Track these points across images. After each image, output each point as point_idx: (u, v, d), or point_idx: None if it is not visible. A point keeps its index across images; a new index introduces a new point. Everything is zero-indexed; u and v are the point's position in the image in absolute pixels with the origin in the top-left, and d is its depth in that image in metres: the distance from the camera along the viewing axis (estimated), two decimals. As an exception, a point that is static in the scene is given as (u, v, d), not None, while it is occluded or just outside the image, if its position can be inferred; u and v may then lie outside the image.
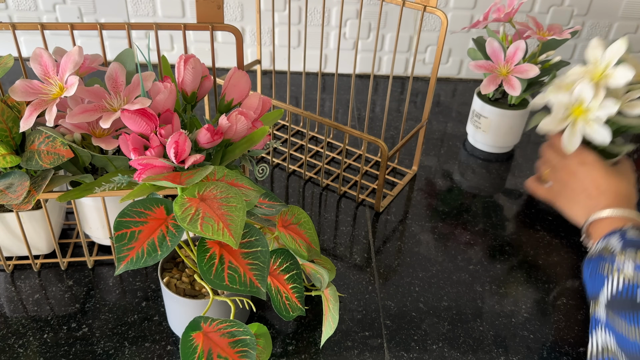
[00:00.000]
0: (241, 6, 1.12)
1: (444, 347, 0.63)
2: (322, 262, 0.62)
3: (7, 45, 1.14)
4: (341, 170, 0.85)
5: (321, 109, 1.08)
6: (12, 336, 0.62)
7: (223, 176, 0.51)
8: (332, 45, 1.17)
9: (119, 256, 0.47)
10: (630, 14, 1.13)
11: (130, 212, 0.48)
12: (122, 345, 0.61)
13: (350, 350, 0.62)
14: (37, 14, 1.12)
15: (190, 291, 0.58)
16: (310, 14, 1.13)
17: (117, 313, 0.65)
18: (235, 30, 0.61)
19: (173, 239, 0.48)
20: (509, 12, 0.88)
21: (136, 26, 0.61)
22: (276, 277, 0.55)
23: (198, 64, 0.57)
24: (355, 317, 0.66)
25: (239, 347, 0.49)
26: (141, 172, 0.49)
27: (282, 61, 1.20)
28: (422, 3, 0.69)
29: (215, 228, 0.45)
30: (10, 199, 0.56)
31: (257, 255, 0.50)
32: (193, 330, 0.50)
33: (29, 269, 0.70)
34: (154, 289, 0.68)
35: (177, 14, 1.13)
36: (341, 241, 0.77)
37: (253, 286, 0.49)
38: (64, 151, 0.56)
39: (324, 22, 0.96)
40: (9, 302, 0.66)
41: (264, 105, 0.59)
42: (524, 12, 1.13)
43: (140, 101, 0.52)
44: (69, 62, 0.55)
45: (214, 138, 0.52)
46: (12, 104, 0.60)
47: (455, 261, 0.75)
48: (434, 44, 1.18)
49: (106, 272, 0.70)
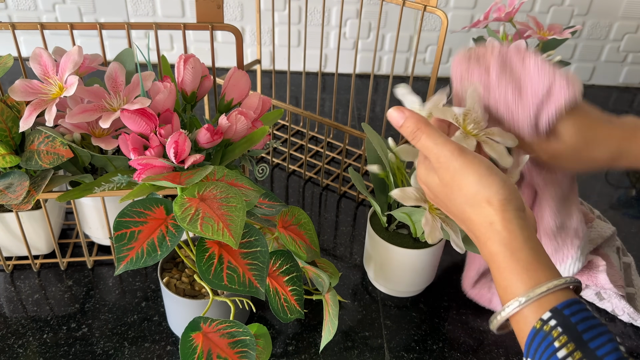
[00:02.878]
0: (241, 6, 1.12)
1: (444, 347, 0.63)
2: (324, 266, 0.62)
3: (6, 45, 1.13)
4: (341, 170, 0.85)
5: (321, 109, 1.08)
6: (12, 336, 0.61)
7: (223, 176, 0.51)
8: (332, 45, 1.17)
9: (119, 256, 0.47)
10: (631, 13, 1.13)
11: (130, 212, 0.48)
12: (121, 345, 0.61)
13: (350, 350, 0.62)
14: (36, 14, 1.12)
15: (190, 291, 0.58)
16: (310, 13, 1.13)
17: (116, 313, 0.65)
18: (235, 30, 0.61)
19: (173, 239, 0.48)
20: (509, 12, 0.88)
21: (136, 26, 0.61)
22: (275, 278, 0.55)
23: (198, 64, 0.57)
24: (355, 317, 0.66)
25: (239, 347, 0.49)
26: (141, 172, 0.49)
27: (282, 61, 1.19)
28: (422, 3, 0.69)
29: (215, 228, 0.45)
30: (10, 199, 0.56)
31: (257, 255, 0.50)
32: (193, 330, 0.50)
33: (28, 269, 0.70)
34: (154, 289, 0.68)
35: (176, 14, 1.13)
36: (341, 241, 0.77)
37: (252, 286, 0.49)
38: (63, 151, 0.55)
39: (324, 21, 0.96)
40: (9, 302, 0.66)
41: (264, 105, 0.59)
42: (525, 11, 1.13)
43: (139, 101, 0.52)
44: (68, 62, 0.55)
45: (213, 138, 0.52)
46: (11, 104, 0.59)
47: (456, 261, 0.75)
48: (434, 43, 1.18)
49: (106, 272, 0.70)
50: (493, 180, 0.43)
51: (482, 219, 0.43)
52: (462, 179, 0.44)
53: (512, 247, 0.42)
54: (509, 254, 0.42)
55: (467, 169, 0.44)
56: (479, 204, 0.43)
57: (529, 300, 0.39)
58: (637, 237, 0.80)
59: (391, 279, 0.68)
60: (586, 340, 0.36)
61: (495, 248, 0.42)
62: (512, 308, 0.40)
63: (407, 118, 0.46)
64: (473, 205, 0.44)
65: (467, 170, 0.44)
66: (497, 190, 0.43)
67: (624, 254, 0.73)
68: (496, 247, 0.42)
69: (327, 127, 0.84)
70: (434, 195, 0.48)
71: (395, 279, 0.67)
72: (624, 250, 0.73)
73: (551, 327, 0.38)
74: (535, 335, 0.38)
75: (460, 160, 0.44)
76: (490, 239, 0.43)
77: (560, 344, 0.36)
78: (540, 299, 0.39)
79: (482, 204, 0.43)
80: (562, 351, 0.36)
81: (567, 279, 0.40)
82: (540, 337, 0.38)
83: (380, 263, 0.67)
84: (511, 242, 0.42)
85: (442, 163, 0.45)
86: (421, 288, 0.70)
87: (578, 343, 0.36)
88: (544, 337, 0.37)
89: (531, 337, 0.38)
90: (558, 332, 0.37)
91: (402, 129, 0.46)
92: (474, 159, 0.44)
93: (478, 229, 0.44)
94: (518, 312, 0.40)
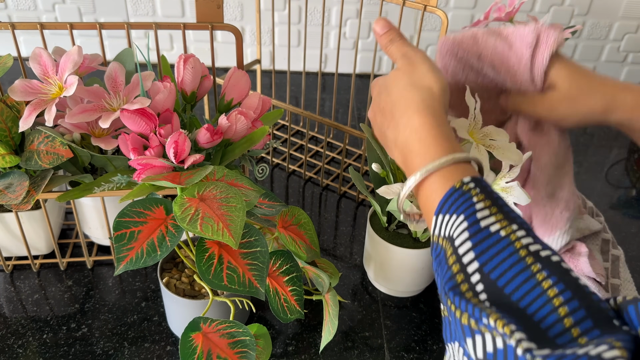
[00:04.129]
0: (241, 6, 1.12)
1: (444, 348, 0.63)
2: (325, 266, 0.62)
3: (6, 45, 1.13)
4: (341, 170, 0.85)
5: (321, 109, 1.08)
6: (12, 336, 0.61)
7: (223, 176, 0.51)
8: (332, 44, 1.17)
9: (119, 256, 0.47)
10: (631, 13, 1.13)
11: (130, 212, 0.48)
12: (121, 345, 0.61)
13: (350, 350, 0.62)
14: (36, 14, 1.12)
15: (189, 291, 0.58)
16: (310, 13, 1.13)
17: (116, 313, 0.65)
18: (235, 30, 0.61)
19: (172, 239, 0.48)
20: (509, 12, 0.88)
21: (136, 26, 0.61)
22: (275, 278, 0.55)
23: (198, 64, 0.57)
24: (355, 317, 0.66)
25: (239, 347, 0.49)
26: (140, 172, 0.49)
27: (282, 61, 1.19)
28: (422, 3, 0.69)
29: (215, 228, 0.45)
30: (10, 199, 0.55)
31: (257, 255, 0.50)
32: (192, 330, 0.49)
33: (28, 269, 0.70)
34: (154, 289, 0.68)
35: (176, 14, 1.13)
36: (341, 241, 0.77)
37: (252, 286, 0.49)
38: (63, 151, 0.55)
39: (324, 21, 0.96)
40: (9, 302, 0.66)
41: (264, 105, 0.59)
42: (525, 11, 1.13)
43: (139, 101, 0.52)
44: (68, 62, 0.55)
45: (213, 138, 0.52)
46: (11, 104, 0.59)
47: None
48: (434, 43, 1.18)
49: (106, 272, 0.70)
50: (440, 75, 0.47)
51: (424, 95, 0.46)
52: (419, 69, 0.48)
53: (440, 121, 0.44)
54: (435, 125, 0.44)
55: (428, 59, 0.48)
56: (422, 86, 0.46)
57: (447, 161, 0.41)
58: (637, 237, 0.80)
59: (391, 278, 0.68)
60: (501, 204, 0.38)
61: (425, 119, 0.44)
62: (433, 166, 0.41)
63: (391, 28, 0.50)
64: (418, 86, 0.46)
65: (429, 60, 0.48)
66: (440, 78, 0.47)
67: (614, 247, 0.73)
68: (426, 119, 0.44)
69: (327, 127, 0.84)
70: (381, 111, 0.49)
71: (395, 279, 0.67)
72: (614, 243, 0.73)
73: (470, 187, 0.39)
74: (453, 193, 0.39)
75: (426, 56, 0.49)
76: (422, 111, 0.44)
77: (479, 199, 0.38)
78: (457, 165, 0.41)
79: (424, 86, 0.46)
80: (480, 204, 0.38)
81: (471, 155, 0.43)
82: (457, 194, 0.39)
83: (380, 263, 0.67)
84: (441, 116, 0.45)
85: (410, 58, 0.48)
86: (421, 288, 0.70)
87: (495, 204, 0.38)
88: (462, 194, 0.39)
89: (448, 194, 0.39)
90: (476, 192, 0.38)
91: (382, 37, 0.50)
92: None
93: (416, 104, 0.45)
94: (434, 175, 0.41)
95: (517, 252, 0.35)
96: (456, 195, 0.39)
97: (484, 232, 0.36)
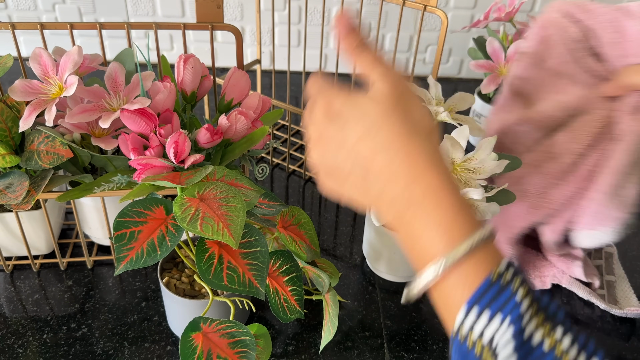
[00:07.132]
0: (241, 6, 1.12)
1: (444, 347, 0.63)
2: (325, 266, 0.62)
3: (6, 45, 1.13)
4: (341, 170, 0.85)
5: (321, 109, 1.08)
6: (12, 336, 0.61)
7: (223, 176, 0.51)
8: (332, 44, 1.17)
9: (119, 256, 0.47)
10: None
11: (130, 212, 0.48)
12: (121, 345, 0.61)
13: (350, 350, 0.62)
14: (36, 14, 1.12)
15: (189, 291, 0.58)
16: (310, 13, 1.13)
17: (116, 313, 0.65)
18: (235, 30, 0.61)
19: (173, 239, 0.48)
20: (509, 12, 0.88)
21: (136, 26, 0.61)
22: (275, 278, 0.55)
23: (198, 64, 0.57)
24: (356, 317, 0.66)
25: (239, 347, 0.49)
26: (141, 172, 0.49)
27: (282, 61, 1.19)
28: (422, 3, 0.69)
29: (215, 228, 0.45)
30: (10, 199, 0.56)
31: (257, 255, 0.50)
32: (193, 330, 0.50)
33: (28, 269, 0.70)
34: (154, 289, 0.68)
35: (176, 14, 1.13)
36: (341, 241, 0.77)
37: (252, 286, 0.49)
38: (63, 151, 0.55)
39: (324, 21, 0.96)
40: (9, 302, 0.66)
41: (264, 105, 0.59)
42: (525, 11, 1.13)
43: (139, 101, 0.52)
44: (68, 62, 0.55)
45: (213, 138, 0.52)
46: (11, 104, 0.59)
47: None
48: (434, 43, 1.18)
49: (106, 272, 0.70)
50: (426, 111, 0.38)
51: (428, 147, 0.36)
52: (412, 103, 0.38)
53: (455, 183, 0.35)
54: (454, 191, 0.35)
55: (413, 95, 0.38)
56: (423, 132, 0.37)
57: (476, 243, 0.33)
58: (637, 237, 0.80)
59: (391, 263, 0.68)
60: (537, 296, 0.32)
61: (439, 184, 0.35)
62: (459, 252, 0.32)
63: (357, 31, 0.42)
64: (418, 133, 0.36)
65: (414, 97, 0.38)
66: (433, 119, 0.38)
67: (607, 245, 0.74)
68: (440, 184, 0.35)
69: (327, 127, 0.84)
70: (351, 150, 0.37)
71: (394, 265, 0.68)
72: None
73: (508, 280, 0.32)
74: (490, 285, 0.32)
75: (407, 84, 0.38)
76: (433, 170, 0.35)
77: (522, 296, 0.32)
78: (483, 244, 0.33)
79: (424, 133, 0.37)
80: (525, 304, 0.31)
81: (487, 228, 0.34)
82: (497, 288, 0.32)
83: (380, 249, 0.67)
84: (452, 175, 0.36)
85: (394, 83, 0.38)
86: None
87: (534, 299, 0.32)
88: (502, 289, 0.32)
89: (485, 286, 0.32)
90: (517, 285, 0.32)
91: (347, 39, 0.42)
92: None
93: (416, 162, 0.35)
94: (455, 268, 0.33)
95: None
96: (496, 289, 0.32)
97: (527, 345, 0.31)
